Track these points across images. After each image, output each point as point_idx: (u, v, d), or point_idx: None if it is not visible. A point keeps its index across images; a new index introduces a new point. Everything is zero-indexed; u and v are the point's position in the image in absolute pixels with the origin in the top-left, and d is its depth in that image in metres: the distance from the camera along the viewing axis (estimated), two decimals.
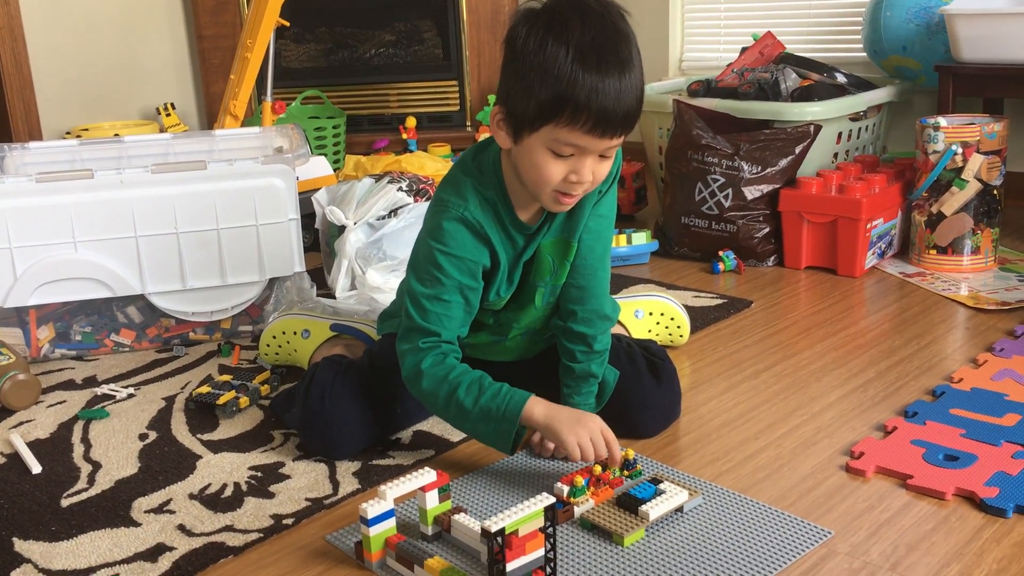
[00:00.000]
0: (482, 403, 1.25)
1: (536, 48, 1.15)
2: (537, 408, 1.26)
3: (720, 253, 2.25)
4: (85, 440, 1.52)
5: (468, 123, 3.46)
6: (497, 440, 1.27)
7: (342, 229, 2.08)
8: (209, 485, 1.36)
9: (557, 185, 1.21)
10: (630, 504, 1.21)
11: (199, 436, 1.52)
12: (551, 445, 1.35)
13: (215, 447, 1.48)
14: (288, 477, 1.37)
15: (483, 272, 1.31)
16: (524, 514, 1.07)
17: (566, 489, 1.24)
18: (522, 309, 1.40)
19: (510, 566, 1.06)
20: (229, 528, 1.25)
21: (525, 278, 1.36)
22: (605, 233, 1.37)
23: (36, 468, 1.42)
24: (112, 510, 1.30)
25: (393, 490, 1.14)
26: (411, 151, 3.26)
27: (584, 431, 1.25)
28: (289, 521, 1.26)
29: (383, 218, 2.07)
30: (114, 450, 1.48)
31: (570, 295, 1.37)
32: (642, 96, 1.20)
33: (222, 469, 1.40)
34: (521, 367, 1.46)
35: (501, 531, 1.06)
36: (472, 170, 1.30)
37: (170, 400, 1.66)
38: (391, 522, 1.15)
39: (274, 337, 1.74)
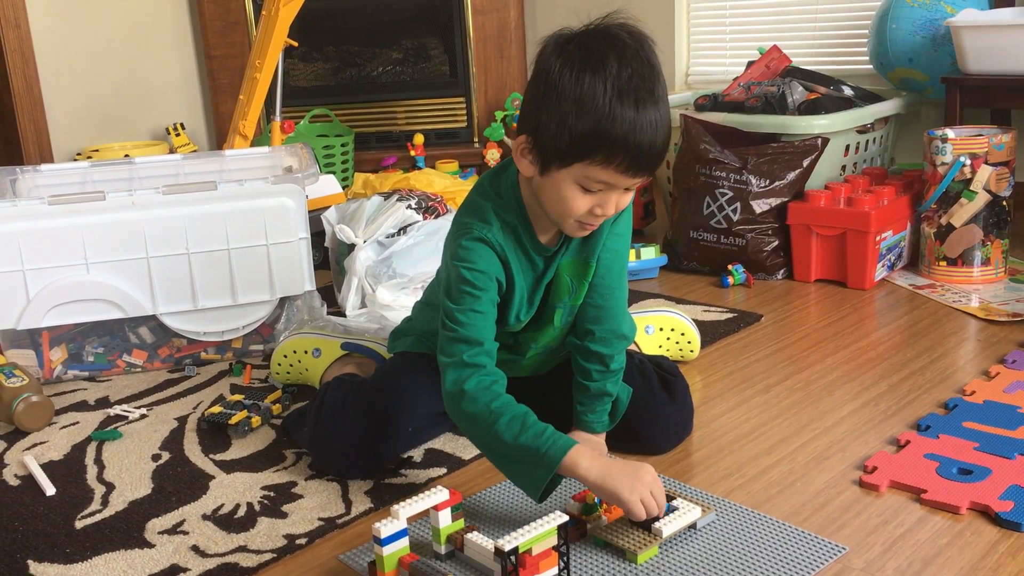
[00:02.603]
0: (521, 441, 1.18)
1: (572, 83, 1.14)
2: (584, 462, 1.17)
3: (729, 267, 2.25)
4: (98, 461, 1.53)
5: (475, 139, 3.47)
6: (528, 484, 1.21)
7: (352, 247, 2.09)
8: (222, 505, 1.36)
9: (581, 215, 1.22)
10: (643, 521, 1.21)
11: (212, 456, 1.52)
12: None
13: (228, 467, 1.48)
14: (301, 497, 1.37)
15: (498, 292, 1.31)
16: (537, 532, 1.07)
17: (579, 506, 1.24)
18: (541, 330, 1.40)
19: None
20: (243, 549, 1.25)
21: (544, 299, 1.36)
22: (622, 252, 1.37)
23: (50, 490, 1.43)
24: (126, 531, 1.31)
25: (406, 509, 1.14)
26: (419, 168, 3.28)
27: (643, 487, 1.17)
28: (302, 541, 1.26)
29: (392, 236, 2.08)
30: (127, 471, 1.49)
31: (588, 314, 1.37)
32: (670, 132, 1.21)
33: (235, 489, 1.41)
34: (534, 383, 1.46)
35: (515, 550, 1.06)
36: (491, 194, 1.30)
37: (182, 420, 1.66)
38: (404, 541, 1.15)
39: (285, 356, 1.75)
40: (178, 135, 3.41)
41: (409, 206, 2.14)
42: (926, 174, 2.17)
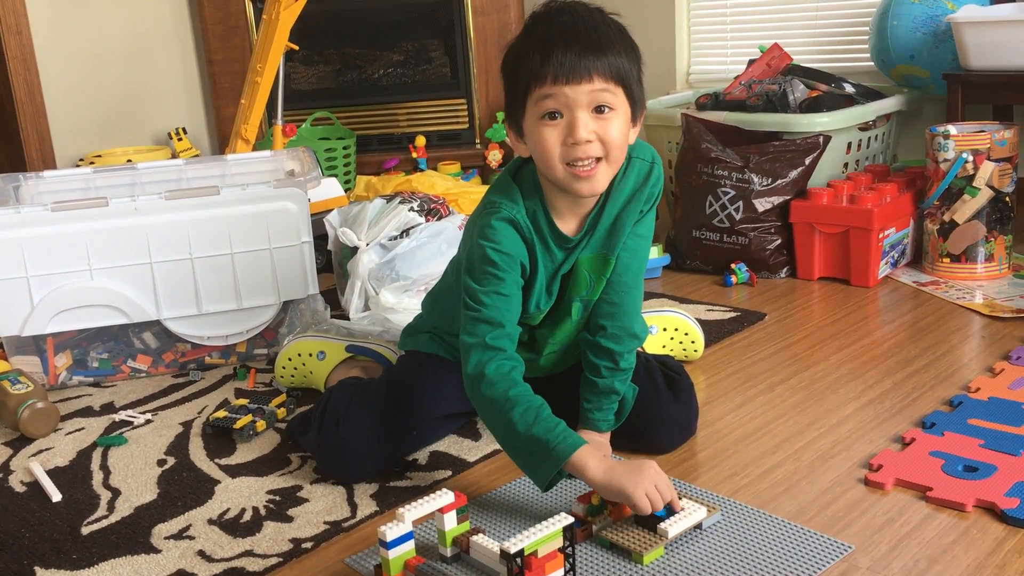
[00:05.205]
0: (533, 432, 1.21)
1: (511, 50, 1.26)
2: (591, 463, 1.20)
3: (732, 266, 2.25)
4: (104, 467, 1.53)
5: (477, 141, 3.47)
6: (534, 475, 1.24)
7: (355, 250, 2.09)
8: (228, 510, 1.36)
9: (562, 154, 1.23)
10: (648, 522, 1.21)
11: (217, 461, 1.52)
12: None
13: (233, 471, 1.48)
14: (306, 500, 1.37)
15: (522, 275, 1.32)
16: (543, 534, 1.07)
17: (584, 508, 1.24)
18: (558, 325, 1.40)
19: None
20: (249, 553, 1.25)
21: (562, 292, 1.38)
22: (642, 252, 1.38)
23: (56, 496, 1.43)
24: (132, 537, 1.31)
25: (411, 512, 1.15)
26: (421, 170, 3.28)
27: (649, 482, 1.19)
28: (308, 545, 1.26)
29: (395, 238, 2.08)
30: (133, 476, 1.49)
31: (602, 310, 1.38)
32: (619, 44, 1.23)
33: (240, 493, 1.41)
34: (548, 383, 1.46)
35: (520, 552, 1.06)
36: (518, 178, 1.33)
37: (187, 425, 1.67)
38: (410, 544, 1.15)
39: (289, 359, 1.75)
40: (180, 140, 3.41)
41: (411, 208, 2.14)
42: (928, 171, 2.17)
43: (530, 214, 1.30)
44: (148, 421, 1.69)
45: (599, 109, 1.22)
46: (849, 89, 2.50)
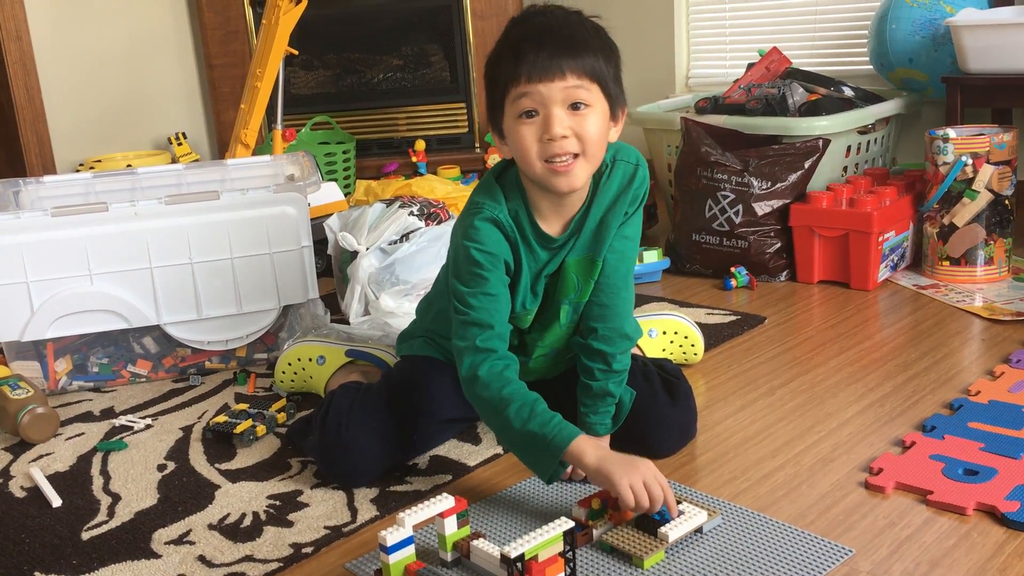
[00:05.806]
0: (529, 428, 1.24)
1: (490, 55, 1.28)
2: (588, 450, 1.22)
3: (732, 269, 2.25)
4: (104, 472, 1.53)
5: (477, 144, 3.48)
6: (536, 469, 1.28)
7: (354, 255, 2.09)
8: (228, 515, 1.36)
9: (539, 151, 1.24)
10: (649, 526, 1.21)
11: (217, 466, 1.52)
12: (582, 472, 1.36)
13: (233, 476, 1.48)
14: (306, 505, 1.37)
15: (507, 273, 1.33)
16: (543, 539, 1.07)
17: (585, 512, 1.24)
18: (547, 328, 1.41)
19: None
20: (249, 558, 1.25)
21: (550, 295, 1.38)
22: (629, 254, 1.39)
23: (56, 501, 1.43)
24: (132, 542, 1.31)
25: (411, 517, 1.15)
26: (421, 174, 3.28)
27: (637, 476, 1.20)
28: (308, 550, 1.26)
29: (395, 243, 2.08)
30: (133, 481, 1.49)
31: (592, 313, 1.38)
32: (592, 42, 1.24)
33: (240, 498, 1.41)
34: (540, 387, 1.46)
35: (521, 556, 1.06)
36: (501, 179, 1.34)
37: (187, 430, 1.67)
38: (410, 549, 1.15)
39: (289, 364, 1.75)
40: (180, 145, 3.42)
41: (411, 213, 2.14)
42: (928, 174, 2.17)
43: (512, 214, 1.32)
44: (148, 426, 1.69)
45: (575, 106, 1.23)
46: (848, 92, 2.51)
